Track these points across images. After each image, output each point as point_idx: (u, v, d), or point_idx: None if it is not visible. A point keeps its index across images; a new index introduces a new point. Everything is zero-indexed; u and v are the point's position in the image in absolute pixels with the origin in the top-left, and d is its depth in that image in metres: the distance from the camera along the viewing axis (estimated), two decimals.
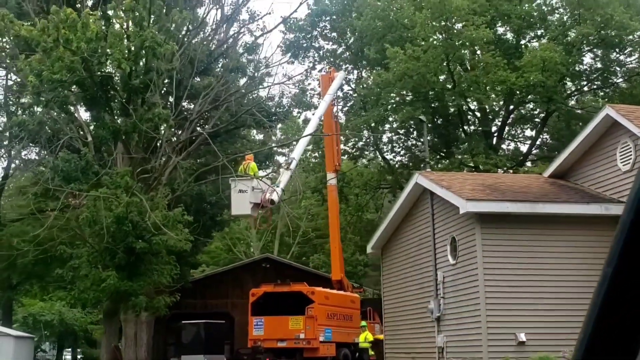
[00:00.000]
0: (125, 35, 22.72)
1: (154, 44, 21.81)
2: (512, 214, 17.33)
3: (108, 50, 21.74)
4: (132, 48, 22.55)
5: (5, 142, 39.25)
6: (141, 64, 23.31)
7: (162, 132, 24.18)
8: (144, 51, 22.45)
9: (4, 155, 41.54)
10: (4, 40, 38.87)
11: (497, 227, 17.40)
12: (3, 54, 39.10)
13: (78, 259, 25.46)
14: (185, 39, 28.64)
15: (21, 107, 39.48)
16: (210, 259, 58.78)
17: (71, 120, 26.68)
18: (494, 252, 17.29)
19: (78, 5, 32.39)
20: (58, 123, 25.52)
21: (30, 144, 38.99)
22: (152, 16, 22.45)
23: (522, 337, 16.78)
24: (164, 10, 24.01)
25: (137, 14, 22.13)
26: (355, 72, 42.12)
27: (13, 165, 42.09)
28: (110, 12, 23.60)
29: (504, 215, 17.35)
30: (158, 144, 26.28)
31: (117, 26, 23.30)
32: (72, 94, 22.34)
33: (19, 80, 38.94)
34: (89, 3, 32.17)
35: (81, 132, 27.77)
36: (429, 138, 39.59)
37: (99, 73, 22.30)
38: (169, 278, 25.24)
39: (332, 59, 41.67)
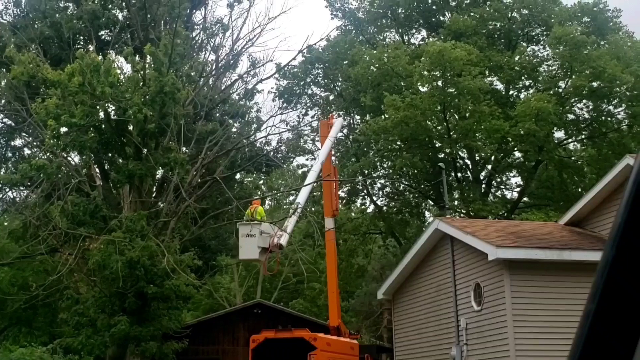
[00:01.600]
0: (142, 81, 22.90)
1: (174, 89, 22.00)
2: (540, 261, 17.65)
3: (127, 95, 21.87)
4: (150, 93, 22.70)
5: None
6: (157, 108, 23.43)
7: (178, 175, 24.18)
8: (161, 96, 22.60)
9: None
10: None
11: (526, 274, 17.69)
12: None
13: (83, 303, 25.14)
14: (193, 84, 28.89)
15: (32, 152, 39.22)
16: (191, 304, 58.15)
17: (87, 163, 26.57)
18: (523, 299, 17.54)
19: (78, 48, 32.61)
20: (69, 167, 25.40)
21: (22, 187, 38.78)
22: (171, 61, 22.64)
23: None
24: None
25: (157, 59, 22.35)
26: (348, 118, 42.66)
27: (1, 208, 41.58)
28: (125, 58, 23.72)
29: (532, 262, 17.66)
30: (166, 187, 26.27)
31: (130, 70, 23.50)
32: (89, 137, 22.29)
33: (8, 122, 38.98)
34: (91, 48, 32.41)
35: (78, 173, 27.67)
36: (422, 186, 40.18)
37: (116, 117, 22.36)
38: (177, 323, 25.04)
39: (325, 106, 42.21)
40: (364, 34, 43.62)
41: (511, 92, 39.75)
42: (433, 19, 41.91)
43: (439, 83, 35.10)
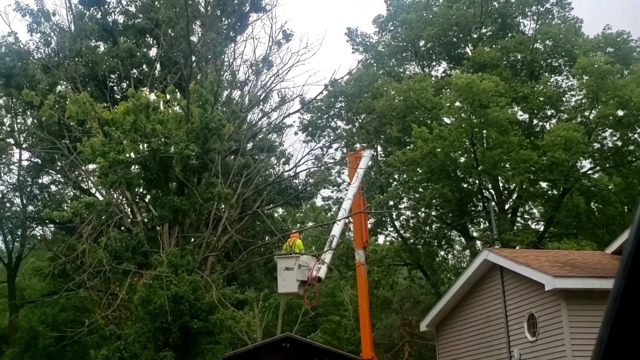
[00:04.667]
0: (186, 117, 23.16)
1: (219, 125, 22.27)
2: (596, 290, 17.72)
3: (173, 132, 22.12)
4: (194, 129, 22.94)
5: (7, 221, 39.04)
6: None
7: (223, 210, 24.37)
8: (205, 132, 22.85)
9: (18, 237, 41.30)
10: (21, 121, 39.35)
11: (583, 304, 17.75)
12: (23, 135, 39.45)
13: (125, 339, 25.15)
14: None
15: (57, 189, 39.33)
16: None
17: (133, 200, 26.79)
18: (581, 329, 17.59)
19: (112, 86, 33.04)
20: (114, 204, 25.62)
21: (50, 224, 38.94)
22: (216, 98, 22.94)
23: None
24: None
25: (202, 95, 22.66)
26: (373, 152, 42.96)
27: (28, 246, 41.75)
28: (167, 96, 24.01)
29: (589, 292, 17.74)
30: (209, 222, 26.45)
31: (176, 108, 23.79)
32: (135, 174, 22.52)
33: (34, 159, 39.32)
34: (124, 85, 32.86)
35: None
36: (450, 215, 40.29)
37: (162, 154, 22.58)
38: (220, 358, 25.02)
39: (348, 138, 42.55)
40: (385, 66, 44.11)
41: (535, 122, 40.07)
42: (455, 52, 42.39)
43: (466, 115, 35.41)
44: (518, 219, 41.92)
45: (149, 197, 26.46)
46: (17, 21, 73.84)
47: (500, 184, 39.36)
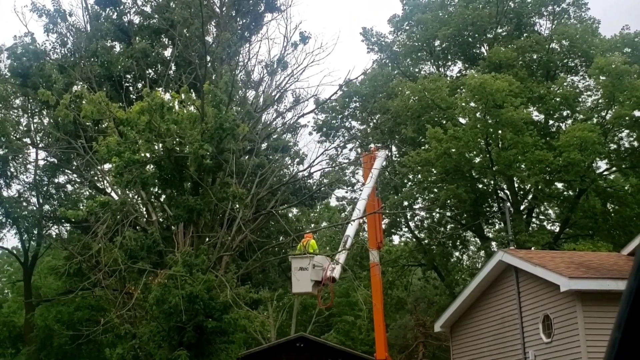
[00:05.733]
0: (200, 117, 23.21)
1: (234, 125, 22.31)
2: (612, 292, 17.60)
3: (188, 131, 22.18)
4: (208, 129, 23.00)
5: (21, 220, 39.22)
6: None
7: (237, 209, 24.42)
8: (220, 132, 22.90)
9: (34, 236, 41.53)
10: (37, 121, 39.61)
11: (599, 305, 17.65)
12: (39, 135, 39.69)
13: (139, 338, 25.26)
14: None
15: (73, 188, 39.55)
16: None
17: (149, 199, 26.90)
18: (597, 330, 17.48)
19: (127, 86, 33.20)
20: (127, 203, 25.72)
21: (66, 224, 39.17)
22: (231, 98, 22.99)
23: None
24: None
25: (216, 96, 22.70)
26: (387, 152, 42.89)
27: (44, 245, 41.98)
28: (182, 96, 24.06)
29: (604, 293, 17.62)
30: (223, 222, 26.51)
31: (191, 108, 23.87)
32: (150, 174, 22.59)
33: (50, 159, 39.55)
34: (139, 85, 32.99)
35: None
36: (464, 215, 40.16)
37: (177, 154, 22.65)
38: (234, 357, 25.08)
39: (363, 138, 42.51)
40: (399, 66, 44.03)
41: (550, 122, 39.85)
42: (470, 52, 42.25)
43: (480, 115, 35.28)
44: (533, 219, 41.71)
45: (163, 196, 26.54)
46: (34, 22, 74.45)
47: (516, 185, 39.17)
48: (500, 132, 35.43)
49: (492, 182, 36.29)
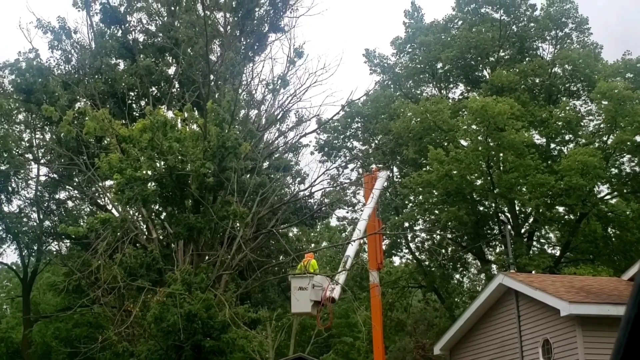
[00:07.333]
0: (203, 136, 23.26)
1: (236, 143, 22.36)
2: (612, 317, 17.52)
3: (190, 150, 22.23)
4: (210, 148, 23.04)
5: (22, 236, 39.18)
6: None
7: (238, 228, 24.39)
8: (222, 150, 22.94)
9: (34, 252, 41.47)
10: (39, 137, 39.69)
11: (599, 330, 17.57)
12: (41, 150, 39.78)
13: (137, 356, 25.14)
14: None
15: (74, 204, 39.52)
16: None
17: (149, 217, 26.89)
18: (596, 356, 17.39)
19: (131, 104, 33.28)
20: (130, 220, 25.73)
21: (66, 240, 39.10)
22: (233, 117, 23.05)
23: None
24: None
25: (218, 114, 22.78)
26: (389, 173, 42.92)
27: (43, 261, 41.89)
28: (185, 114, 24.14)
29: (604, 318, 17.55)
30: (223, 240, 26.46)
31: (194, 126, 23.91)
32: (151, 191, 22.60)
33: (51, 175, 39.58)
34: (142, 103, 33.10)
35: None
36: (465, 237, 40.10)
37: (179, 172, 22.67)
38: None
39: (364, 159, 42.55)
40: (402, 88, 44.18)
41: (552, 145, 39.88)
42: (472, 75, 42.40)
43: (482, 137, 35.33)
44: (534, 243, 41.62)
45: (164, 214, 26.53)
46: (39, 38, 74.66)
47: (517, 208, 39.14)
48: (501, 154, 35.48)
49: (493, 204, 36.26)
